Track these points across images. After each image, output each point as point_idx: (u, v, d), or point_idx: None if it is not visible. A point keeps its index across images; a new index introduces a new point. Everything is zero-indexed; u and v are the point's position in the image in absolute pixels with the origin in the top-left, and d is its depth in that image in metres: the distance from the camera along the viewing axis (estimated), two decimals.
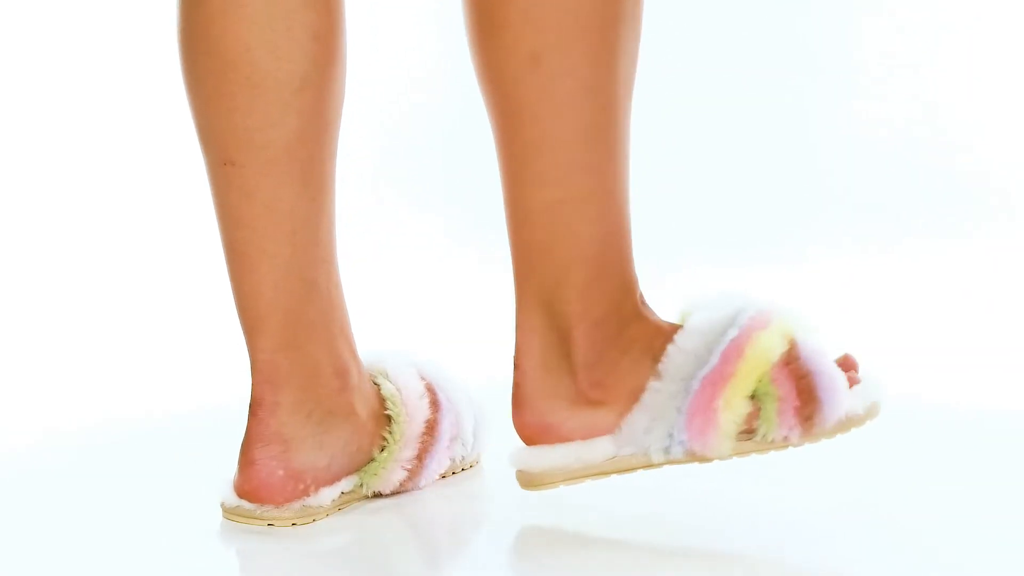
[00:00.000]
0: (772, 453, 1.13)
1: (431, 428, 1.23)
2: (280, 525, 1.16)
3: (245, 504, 1.17)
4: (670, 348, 1.13)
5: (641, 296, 1.16)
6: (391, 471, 1.21)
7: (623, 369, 1.14)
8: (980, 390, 1.59)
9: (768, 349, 1.13)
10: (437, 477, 1.25)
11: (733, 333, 1.13)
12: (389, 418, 1.22)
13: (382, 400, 1.23)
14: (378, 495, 1.22)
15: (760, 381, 1.12)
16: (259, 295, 1.16)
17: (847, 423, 1.14)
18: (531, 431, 1.15)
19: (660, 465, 1.13)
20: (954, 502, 1.21)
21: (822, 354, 1.14)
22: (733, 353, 1.12)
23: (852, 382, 1.17)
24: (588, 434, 1.14)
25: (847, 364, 1.19)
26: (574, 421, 1.14)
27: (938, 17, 2.57)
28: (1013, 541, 1.13)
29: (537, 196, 1.12)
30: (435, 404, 1.24)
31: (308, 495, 1.17)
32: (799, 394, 1.11)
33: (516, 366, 1.16)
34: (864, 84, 2.55)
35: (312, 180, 1.16)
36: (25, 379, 1.69)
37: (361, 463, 1.20)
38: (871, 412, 1.15)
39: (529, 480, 1.15)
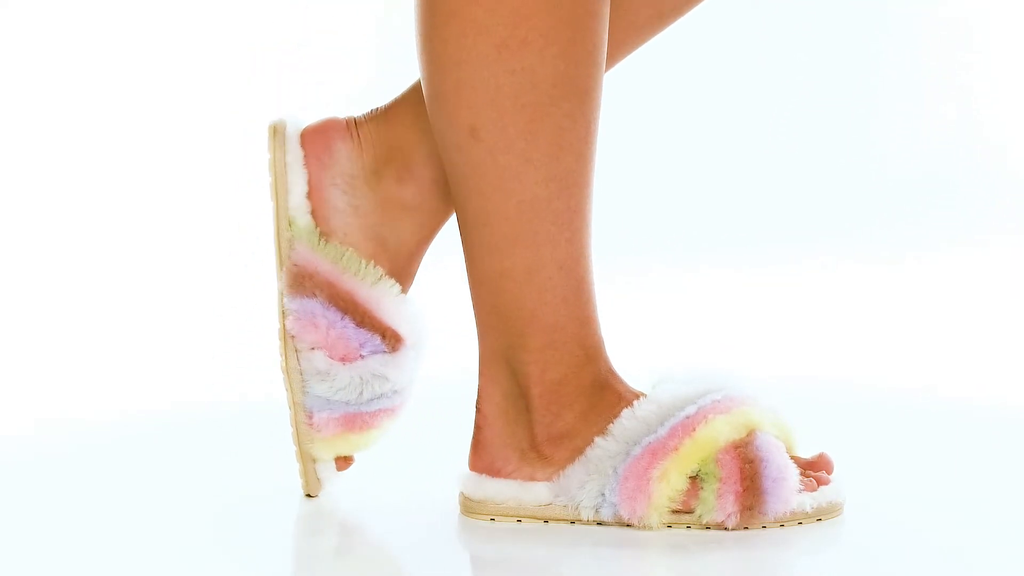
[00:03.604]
0: (711, 532, 1.10)
1: (392, 339, 1.18)
2: None
3: None
4: (624, 412, 1.13)
5: (608, 363, 1.15)
6: None
7: (577, 430, 1.13)
8: (998, 387, 1.60)
9: (721, 433, 1.11)
10: (313, 345, 1.17)
11: (691, 410, 1.12)
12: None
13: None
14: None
15: (704, 462, 1.10)
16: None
17: (792, 518, 1.11)
18: (481, 471, 1.15)
19: (590, 523, 1.12)
20: (964, 500, 1.20)
21: (778, 448, 1.11)
22: (683, 429, 1.11)
23: (820, 481, 1.14)
24: (529, 478, 1.13)
25: (819, 464, 1.16)
26: (522, 469, 1.14)
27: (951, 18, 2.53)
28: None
29: (486, 264, 1.12)
30: (397, 340, 1.18)
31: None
32: (742, 479, 1.09)
33: (478, 410, 1.16)
34: (879, 86, 2.54)
35: None
36: (24, 376, 1.71)
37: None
38: (820, 513, 1.12)
39: (466, 506, 1.15)
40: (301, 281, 1.17)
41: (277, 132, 1.19)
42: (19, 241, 2.30)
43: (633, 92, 2.18)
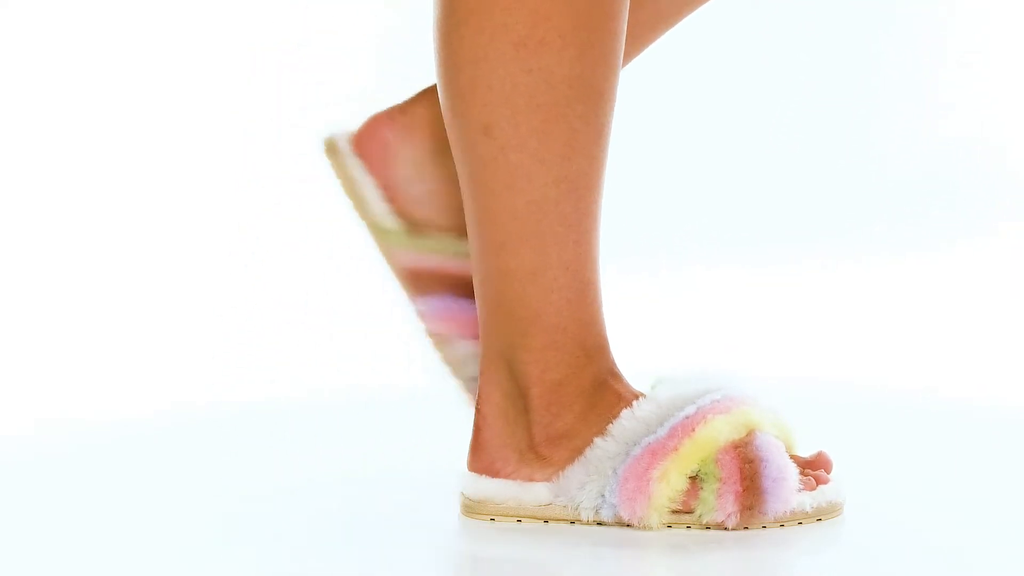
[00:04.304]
0: (711, 532, 1.10)
1: None
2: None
3: None
4: (624, 412, 1.12)
5: (611, 364, 1.15)
6: None
7: (577, 431, 1.13)
8: (998, 387, 1.60)
9: (720, 433, 1.11)
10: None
11: (690, 410, 1.12)
12: None
13: None
14: None
15: (704, 462, 1.10)
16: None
17: (792, 518, 1.11)
18: (480, 471, 1.15)
19: (590, 523, 1.12)
20: (964, 500, 1.20)
21: (778, 447, 1.11)
22: (682, 429, 1.11)
23: (819, 480, 1.14)
24: (528, 478, 1.13)
25: (818, 463, 1.16)
26: (521, 470, 1.14)
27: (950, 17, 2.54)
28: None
29: (492, 262, 1.12)
30: None
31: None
32: (742, 479, 1.09)
33: (477, 410, 1.16)
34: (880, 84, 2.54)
35: None
36: (24, 376, 1.72)
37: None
38: (820, 512, 1.12)
39: (466, 506, 1.15)
40: (416, 282, 1.19)
41: (335, 151, 1.19)
42: (19, 241, 2.30)
43: (632, 92, 2.17)
